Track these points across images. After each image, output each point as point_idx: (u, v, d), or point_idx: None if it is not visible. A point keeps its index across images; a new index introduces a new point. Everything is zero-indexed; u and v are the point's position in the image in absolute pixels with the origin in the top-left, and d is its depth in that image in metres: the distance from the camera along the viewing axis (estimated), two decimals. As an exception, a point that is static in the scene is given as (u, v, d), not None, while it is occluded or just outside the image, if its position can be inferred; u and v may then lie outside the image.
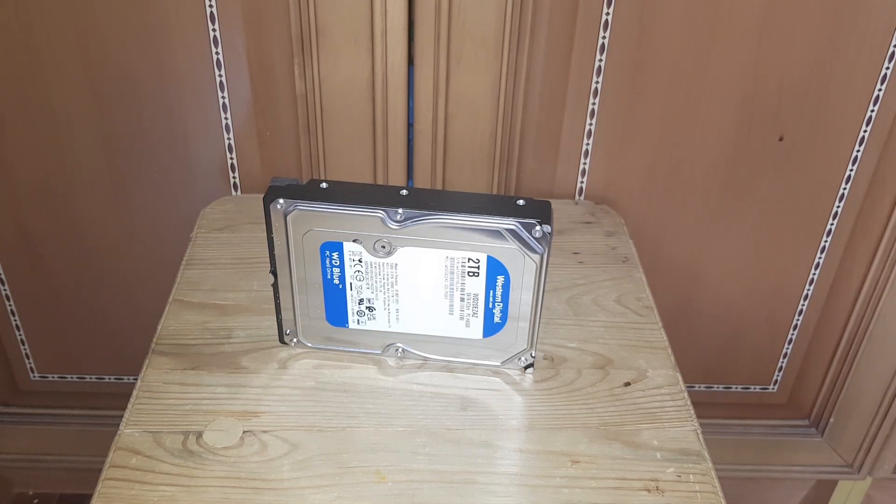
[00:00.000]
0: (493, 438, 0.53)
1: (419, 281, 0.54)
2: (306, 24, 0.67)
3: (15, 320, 0.87)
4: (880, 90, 0.73)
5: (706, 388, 0.94)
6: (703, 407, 0.88)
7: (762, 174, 0.77)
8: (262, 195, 0.51)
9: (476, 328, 0.56)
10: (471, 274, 0.53)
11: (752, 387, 0.95)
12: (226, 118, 0.74)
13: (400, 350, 0.58)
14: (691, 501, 0.49)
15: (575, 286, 0.66)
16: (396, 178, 0.76)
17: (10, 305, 0.86)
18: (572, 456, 0.52)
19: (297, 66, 0.70)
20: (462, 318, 0.55)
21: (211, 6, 0.67)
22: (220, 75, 0.71)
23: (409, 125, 0.73)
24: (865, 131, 0.75)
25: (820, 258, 0.84)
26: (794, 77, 0.72)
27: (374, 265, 0.54)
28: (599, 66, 0.71)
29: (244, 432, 0.52)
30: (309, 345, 0.58)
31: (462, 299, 0.54)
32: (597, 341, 0.60)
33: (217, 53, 0.70)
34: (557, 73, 0.71)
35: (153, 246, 0.81)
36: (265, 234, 0.53)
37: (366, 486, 0.49)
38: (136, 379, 0.56)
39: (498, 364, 0.57)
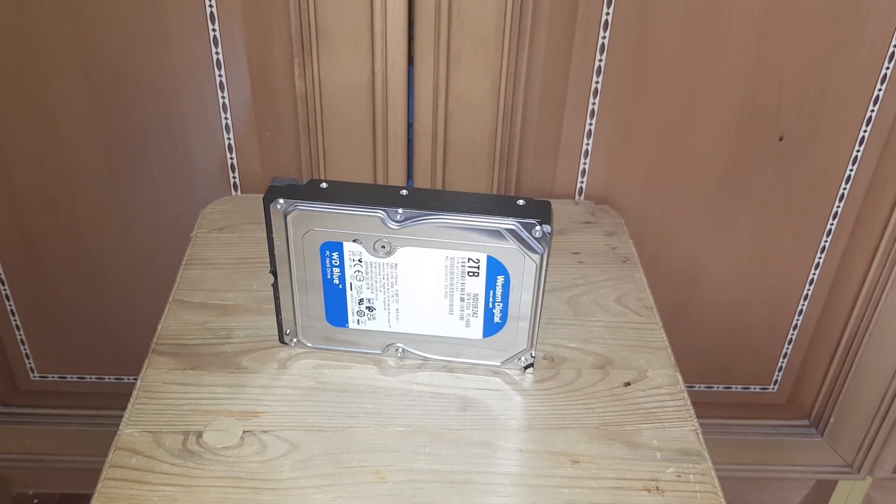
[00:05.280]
0: (493, 438, 0.53)
1: (419, 281, 0.54)
2: (306, 24, 0.67)
3: (15, 320, 0.87)
4: (880, 90, 0.73)
5: (706, 388, 0.94)
6: (703, 407, 0.88)
7: (762, 174, 0.77)
8: (262, 195, 0.51)
9: (476, 328, 0.56)
10: (471, 274, 0.53)
11: (752, 387, 0.95)
12: (226, 118, 0.74)
13: (400, 350, 0.58)
14: (691, 501, 0.49)
15: (575, 286, 0.66)
16: (396, 178, 0.76)
17: (10, 305, 0.86)
18: (572, 456, 0.52)
19: (297, 66, 0.70)
20: (462, 318, 0.55)
21: (211, 6, 0.67)
22: (220, 75, 0.71)
23: (409, 125, 0.73)
24: (865, 131, 0.75)
25: (820, 258, 0.84)
26: (794, 77, 0.72)
27: (374, 265, 0.54)
28: (599, 66, 0.71)
29: (244, 432, 0.52)
30: (309, 345, 0.58)
31: (462, 299, 0.54)
32: (597, 341, 0.60)
33: (217, 53, 0.70)
34: (557, 73, 0.71)
35: (153, 246, 0.81)
36: (265, 234, 0.53)
37: (366, 486, 0.49)
38: (136, 379, 0.56)
39: (498, 364, 0.57)
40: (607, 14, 0.68)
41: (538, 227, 0.50)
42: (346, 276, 0.54)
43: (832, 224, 0.81)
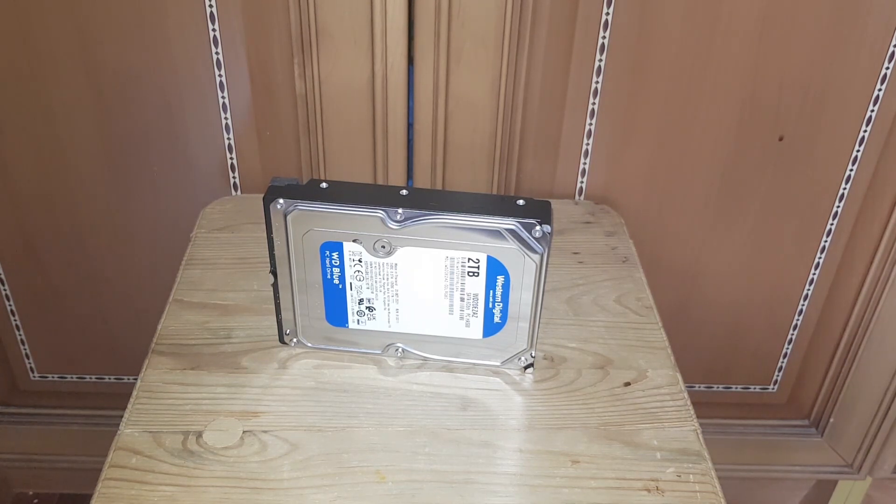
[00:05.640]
0: (493, 438, 0.53)
1: (419, 281, 0.54)
2: (306, 24, 0.67)
3: (15, 320, 0.87)
4: (880, 90, 0.73)
5: (706, 388, 0.94)
6: (703, 407, 0.88)
7: (762, 174, 0.77)
8: (262, 195, 0.51)
9: (476, 328, 0.56)
10: (471, 274, 0.53)
11: (752, 387, 0.95)
12: (226, 118, 0.74)
13: (400, 350, 0.58)
14: (691, 501, 0.49)
15: (575, 286, 0.66)
16: (396, 178, 0.76)
17: (10, 305, 0.86)
18: (572, 456, 0.52)
19: (297, 66, 0.70)
20: (462, 318, 0.55)
21: (211, 6, 0.67)
22: (220, 75, 0.71)
23: (409, 125, 0.73)
24: (865, 131, 0.75)
25: (820, 258, 0.84)
26: (794, 77, 0.72)
27: (373, 265, 0.54)
28: (599, 66, 0.71)
29: (244, 432, 0.52)
30: (309, 345, 0.58)
31: (462, 299, 0.54)
32: (597, 341, 0.60)
33: (217, 53, 0.70)
34: (557, 74, 0.71)
35: (153, 246, 0.81)
36: (265, 234, 0.53)
37: (366, 486, 0.49)
38: (136, 379, 0.56)
39: (498, 364, 0.57)
40: (607, 14, 0.68)
41: (538, 227, 0.50)
42: (346, 276, 0.54)
43: (832, 224, 0.81)
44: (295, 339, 0.58)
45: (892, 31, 0.70)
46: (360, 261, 0.53)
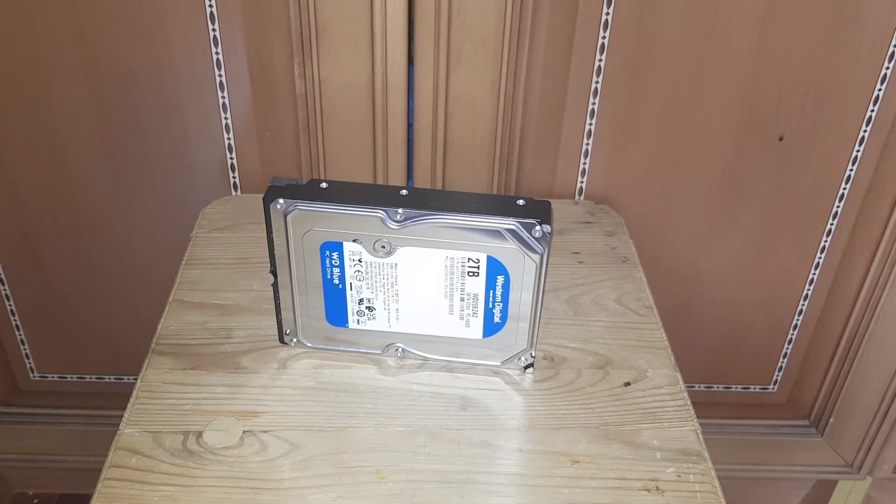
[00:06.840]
0: (493, 438, 0.53)
1: (419, 281, 0.54)
2: (306, 24, 0.68)
3: (15, 320, 0.87)
4: (880, 90, 0.73)
5: (706, 388, 0.94)
6: (703, 407, 0.88)
7: (762, 174, 0.77)
8: (262, 195, 0.51)
9: (476, 328, 0.56)
10: (471, 274, 0.53)
11: (752, 387, 0.95)
12: (226, 118, 0.74)
13: (400, 350, 0.58)
14: (691, 501, 0.49)
15: (575, 286, 0.66)
16: (396, 178, 0.76)
17: (10, 305, 0.86)
18: (572, 456, 0.52)
19: (297, 66, 0.70)
20: (462, 318, 0.55)
21: (211, 6, 0.67)
22: (220, 75, 0.71)
23: (409, 125, 0.73)
24: (865, 131, 0.75)
25: (820, 258, 0.84)
26: (794, 77, 0.72)
27: (373, 265, 0.54)
28: (599, 66, 0.71)
29: (244, 432, 0.52)
30: (309, 345, 0.58)
31: (462, 299, 0.54)
32: (597, 341, 0.60)
33: (217, 53, 0.70)
34: (557, 73, 0.71)
35: (153, 246, 0.81)
36: (265, 234, 0.53)
37: (366, 486, 0.49)
38: (136, 379, 0.56)
39: (498, 364, 0.57)
40: (607, 14, 0.68)
41: (538, 227, 0.50)
42: (346, 276, 0.54)
43: (832, 224, 0.81)
44: (295, 339, 0.58)
45: (892, 31, 0.70)
46: (360, 261, 0.53)
